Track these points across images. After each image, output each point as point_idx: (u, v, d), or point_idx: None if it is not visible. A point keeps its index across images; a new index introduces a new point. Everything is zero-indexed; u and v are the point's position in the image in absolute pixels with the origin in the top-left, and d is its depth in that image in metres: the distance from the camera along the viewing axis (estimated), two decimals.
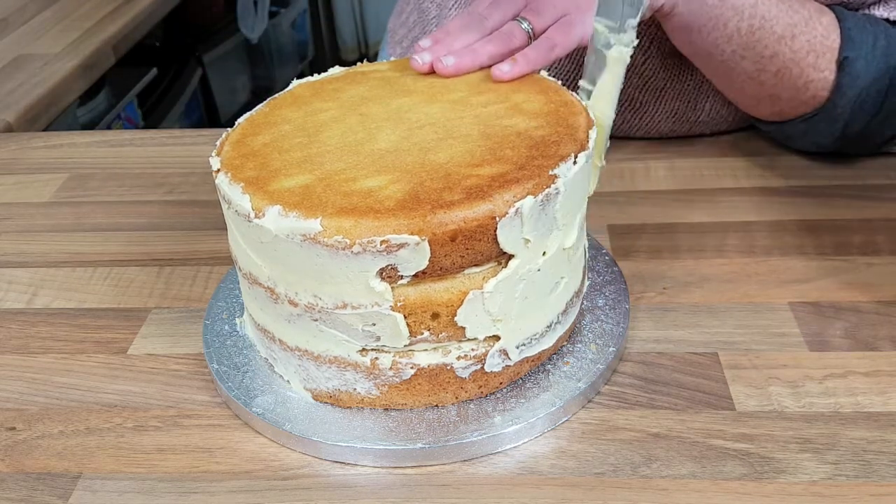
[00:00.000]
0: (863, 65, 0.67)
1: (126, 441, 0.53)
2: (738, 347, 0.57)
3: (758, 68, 0.68)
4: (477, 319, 0.49)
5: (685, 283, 0.63)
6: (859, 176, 0.74)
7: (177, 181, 0.82)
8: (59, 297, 0.67)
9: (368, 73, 0.62)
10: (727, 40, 0.66)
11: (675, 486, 0.48)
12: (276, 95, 0.60)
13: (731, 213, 0.71)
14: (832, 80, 0.68)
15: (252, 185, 0.49)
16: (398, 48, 0.95)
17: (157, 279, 0.68)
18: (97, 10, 1.38)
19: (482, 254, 0.47)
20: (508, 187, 0.47)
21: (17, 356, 0.61)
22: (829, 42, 0.67)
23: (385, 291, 0.47)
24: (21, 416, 0.56)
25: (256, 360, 0.57)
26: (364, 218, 0.45)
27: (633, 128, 0.81)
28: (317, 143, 0.53)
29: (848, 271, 0.63)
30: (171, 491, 0.50)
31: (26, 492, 0.50)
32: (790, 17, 0.66)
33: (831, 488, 0.47)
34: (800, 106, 0.70)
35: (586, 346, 0.56)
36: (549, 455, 0.51)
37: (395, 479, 0.50)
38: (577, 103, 0.55)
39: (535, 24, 0.62)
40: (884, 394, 0.53)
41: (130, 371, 0.59)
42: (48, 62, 1.19)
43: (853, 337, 0.57)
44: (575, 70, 0.78)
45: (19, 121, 1.04)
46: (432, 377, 0.51)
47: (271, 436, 0.53)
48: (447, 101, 0.56)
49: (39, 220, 0.78)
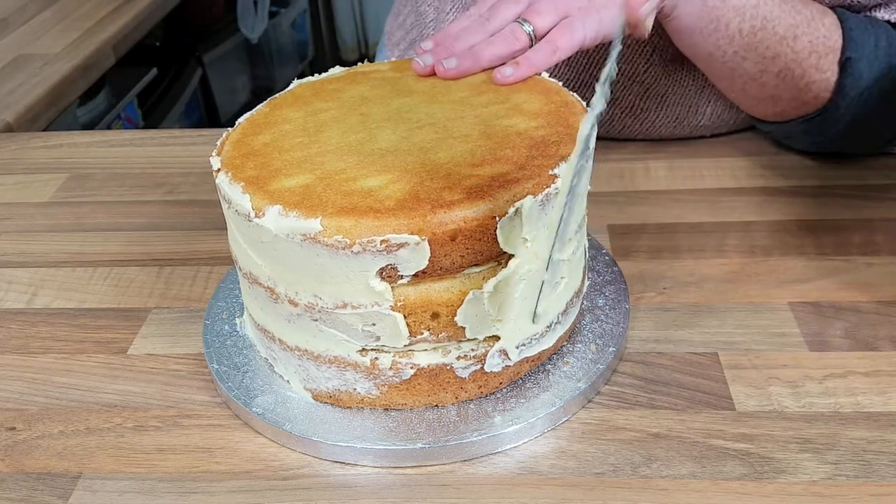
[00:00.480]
0: (865, 65, 0.67)
1: (126, 441, 0.53)
2: (738, 347, 0.57)
3: (759, 69, 0.67)
4: (477, 319, 0.49)
5: (685, 283, 0.63)
6: (859, 176, 0.74)
7: (177, 181, 0.82)
8: (59, 297, 0.67)
9: (369, 74, 0.62)
10: (728, 41, 0.66)
11: (675, 486, 0.48)
12: (277, 95, 0.60)
13: (731, 213, 0.71)
14: (834, 81, 0.68)
15: (252, 184, 0.49)
16: (395, 50, 0.94)
17: (157, 279, 0.68)
18: (97, 10, 1.38)
19: (482, 254, 0.47)
20: (508, 187, 0.47)
21: (17, 356, 0.61)
22: (832, 43, 0.67)
23: (385, 291, 0.47)
24: (21, 416, 0.56)
25: (256, 360, 0.57)
26: (364, 218, 0.45)
27: (633, 132, 0.81)
28: (317, 142, 0.53)
29: (848, 271, 0.63)
30: (171, 491, 0.50)
31: (26, 492, 0.50)
32: (792, 18, 0.65)
33: (831, 488, 0.47)
34: (801, 106, 0.70)
35: (586, 346, 0.56)
36: (549, 455, 0.51)
37: (395, 479, 0.50)
38: (577, 103, 0.55)
39: (536, 25, 0.62)
40: (884, 394, 0.53)
41: (130, 371, 0.59)
42: (48, 62, 1.19)
43: (853, 337, 0.57)
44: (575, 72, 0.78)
45: (19, 121, 1.04)
46: (432, 377, 0.51)
47: (271, 436, 0.53)
48: (448, 101, 0.56)
49: (39, 220, 0.78)
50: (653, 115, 0.79)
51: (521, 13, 0.63)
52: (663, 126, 0.79)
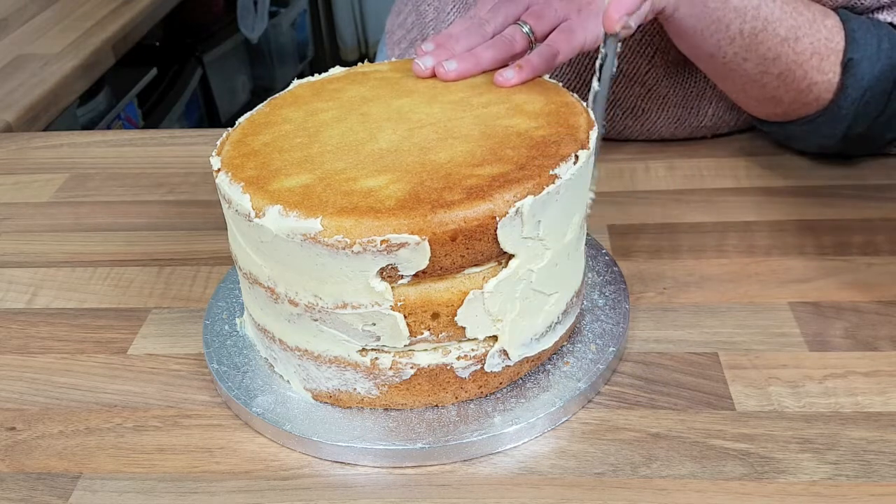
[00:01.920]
0: (867, 66, 0.67)
1: (126, 441, 0.53)
2: (738, 347, 0.57)
3: (760, 70, 0.67)
4: (477, 319, 0.49)
5: (685, 283, 0.63)
6: (859, 176, 0.74)
7: (177, 181, 0.82)
8: (59, 297, 0.67)
9: (369, 74, 0.62)
10: (729, 42, 0.66)
11: (675, 486, 0.48)
12: (277, 95, 0.60)
13: (731, 213, 0.71)
14: (836, 82, 0.67)
15: (252, 184, 0.49)
16: (396, 49, 0.94)
17: (157, 279, 0.68)
18: (97, 10, 1.38)
19: (482, 254, 0.47)
20: (509, 187, 0.47)
21: (17, 356, 0.61)
22: (833, 45, 0.67)
23: (385, 291, 0.47)
24: (21, 416, 0.56)
25: (256, 360, 0.57)
26: (364, 217, 0.45)
27: (633, 133, 0.81)
28: (317, 142, 0.53)
29: (848, 271, 0.63)
30: (171, 491, 0.50)
31: (26, 492, 0.50)
32: (794, 20, 0.65)
33: (831, 488, 0.47)
34: (802, 108, 0.70)
35: (586, 346, 0.56)
36: (549, 455, 0.51)
37: (394, 479, 0.50)
38: (577, 104, 0.55)
39: (536, 28, 0.62)
40: (884, 394, 0.53)
41: (130, 371, 0.59)
42: (48, 62, 1.19)
43: (853, 337, 0.57)
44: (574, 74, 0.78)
45: (19, 121, 1.04)
46: (432, 377, 0.51)
47: (271, 436, 0.53)
48: (448, 101, 0.56)
49: (39, 220, 0.78)
50: (654, 116, 0.79)
51: (520, 15, 0.63)
52: (664, 127, 0.79)
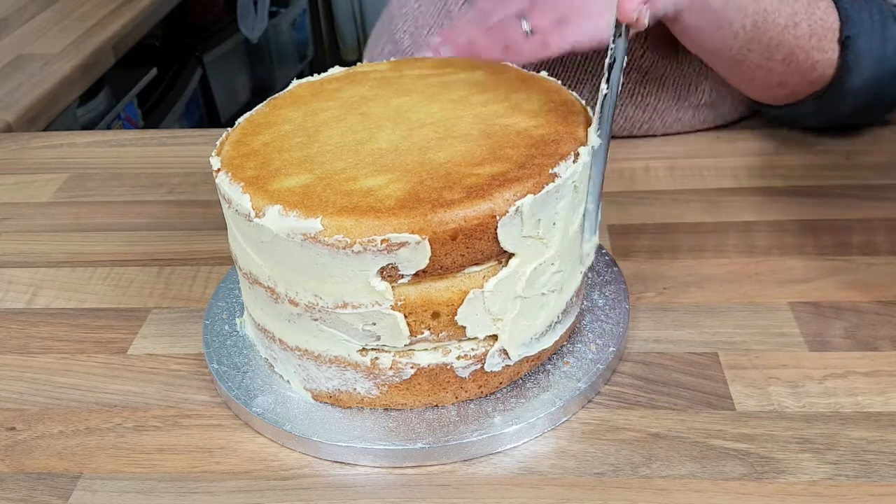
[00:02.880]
0: (865, 41, 0.69)
1: (126, 441, 0.53)
2: (738, 347, 0.57)
3: (765, 57, 0.69)
4: (477, 319, 0.49)
5: (685, 283, 0.63)
6: (859, 176, 0.74)
7: (177, 181, 0.82)
8: (59, 297, 0.67)
9: (368, 73, 0.62)
10: (733, 37, 0.67)
11: (675, 486, 0.48)
12: (276, 95, 0.60)
13: (731, 213, 0.71)
14: (836, 58, 0.70)
15: (252, 184, 0.49)
16: None
17: (157, 279, 0.68)
18: (97, 10, 1.38)
19: (482, 253, 0.47)
20: (509, 186, 0.47)
21: (17, 356, 0.61)
22: (829, 23, 0.69)
23: (385, 291, 0.47)
24: (21, 416, 0.56)
25: (256, 360, 0.57)
26: (364, 217, 0.45)
27: (637, 123, 0.81)
28: (317, 142, 0.53)
29: (848, 271, 0.63)
30: (171, 491, 0.50)
31: (26, 492, 0.50)
32: (790, 7, 0.68)
33: (831, 488, 0.47)
34: (809, 86, 0.72)
35: (586, 346, 0.56)
36: (549, 455, 0.51)
37: (394, 479, 0.50)
38: (576, 102, 0.55)
39: (534, 22, 0.64)
40: (884, 394, 0.53)
41: (130, 371, 0.59)
42: (48, 62, 1.19)
43: (853, 337, 0.57)
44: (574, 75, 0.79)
45: (19, 121, 1.04)
46: (432, 377, 0.51)
47: (271, 436, 0.53)
48: (447, 100, 0.56)
49: (39, 220, 0.78)
50: (654, 100, 0.79)
51: (522, 10, 0.65)
52: (666, 110, 0.80)
